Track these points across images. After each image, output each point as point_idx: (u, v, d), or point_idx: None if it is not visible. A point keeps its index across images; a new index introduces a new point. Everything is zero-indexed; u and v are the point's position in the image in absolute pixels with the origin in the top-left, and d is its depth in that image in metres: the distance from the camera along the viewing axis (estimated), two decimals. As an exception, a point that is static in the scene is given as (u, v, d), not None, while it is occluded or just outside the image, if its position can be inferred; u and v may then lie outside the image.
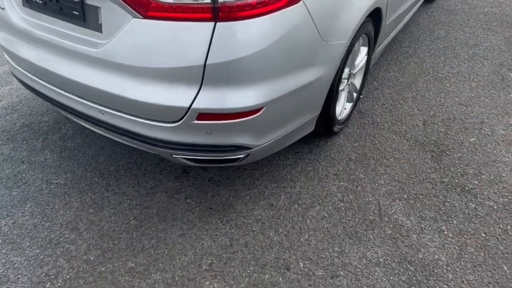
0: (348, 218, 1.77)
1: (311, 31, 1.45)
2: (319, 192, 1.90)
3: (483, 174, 1.99)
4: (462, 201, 1.85)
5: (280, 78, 1.43)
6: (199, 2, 1.19)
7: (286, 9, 1.33)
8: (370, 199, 1.87)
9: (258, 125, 1.46)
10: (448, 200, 1.86)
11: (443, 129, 2.30)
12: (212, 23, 1.23)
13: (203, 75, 1.29)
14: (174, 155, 1.52)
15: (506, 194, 1.88)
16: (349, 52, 1.83)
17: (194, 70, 1.28)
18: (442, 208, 1.82)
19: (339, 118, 2.12)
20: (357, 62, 2.13)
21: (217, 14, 1.21)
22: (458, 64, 2.98)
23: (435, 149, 2.16)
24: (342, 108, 2.15)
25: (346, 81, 2.07)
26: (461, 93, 2.64)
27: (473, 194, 1.88)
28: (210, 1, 1.19)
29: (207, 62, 1.26)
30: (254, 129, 1.47)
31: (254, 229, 1.73)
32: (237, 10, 1.21)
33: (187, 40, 1.26)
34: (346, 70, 2.03)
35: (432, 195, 1.88)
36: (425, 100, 2.56)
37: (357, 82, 2.31)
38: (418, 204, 1.84)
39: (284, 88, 1.47)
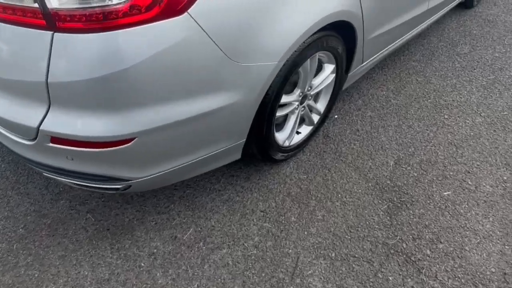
0: (253, 272, 1.50)
1: (208, 49, 1.15)
2: (235, 231, 1.64)
3: (441, 243, 1.61)
4: (400, 274, 1.51)
5: (161, 104, 1.16)
6: (25, 4, 0.94)
7: (163, 21, 1.04)
8: (290, 251, 1.57)
9: (131, 156, 1.21)
10: (383, 270, 1.52)
11: (415, 174, 1.91)
12: (50, 33, 0.98)
13: (48, 94, 1.05)
14: (45, 174, 1.33)
15: (460, 276, 1.51)
16: (289, 74, 1.50)
17: (38, 87, 1.05)
18: (371, 279, 1.49)
19: (284, 144, 1.81)
20: (316, 81, 1.78)
21: (52, 22, 0.95)
22: (469, 91, 2.49)
23: (395, 199, 1.79)
24: (291, 133, 1.83)
25: (297, 103, 1.74)
26: (458, 129, 2.19)
27: (418, 268, 1.53)
28: (38, 6, 0.93)
29: (48, 80, 1.02)
30: (126, 161, 1.22)
31: (142, 265, 1.51)
32: (79, 20, 0.95)
33: (27, 49, 1.02)
34: (296, 92, 1.70)
35: (365, 260, 1.55)
36: (410, 132, 2.16)
37: (321, 104, 1.96)
38: (343, 268, 1.52)
39: (170, 116, 1.20)
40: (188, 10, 1.05)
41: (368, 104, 2.36)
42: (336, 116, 2.26)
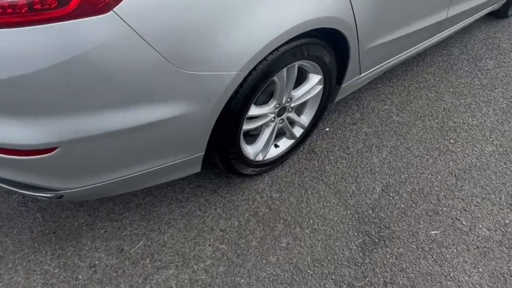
0: (196, 300, 1.37)
1: (144, 54, 0.98)
2: (187, 250, 1.49)
3: (416, 292, 1.42)
4: (360, 324, 1.33)
5: (90, 112, 1.01)
6: None
7: (84, 19, 0.89)
8: (243, 280, 1.42)
9: (55, 167, 1.08)
10: (342, 316, 1.35)
11: (402, 205, 1.70)
12: None
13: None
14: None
15: (429, 335, 1.31)
16: (260, 84, 1.31)
17: None
18: (325, 326, 1.32)
19: (257, 158, 1.63)
20: (298, 93, 1.59)
21: None
22: (485, 113, 2.22)
23: (374, 233, 1.59)
24: (266, 147, 1.65)
25: (272, 116, 1.56)
26: (463, 157, 1.95)
27: (382, 319, 1.34)
28: None
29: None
30: (51, 171, 1.09)
31: (79, 277, 1.40)
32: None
33: None
34: (272, 104, 1.52)
35: (325, 302, 1.38)
36: (407, 156, 1.93)
37: (306, 116, 1.77)
38: (297, 309, 1.35)
39: (102, 126, 1.05)
40: (114, 8, 0.90)
41: (366, 118, 2.14)
42: (327, 129, 2.06)
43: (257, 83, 1.32)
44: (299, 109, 1.76)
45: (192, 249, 1.50)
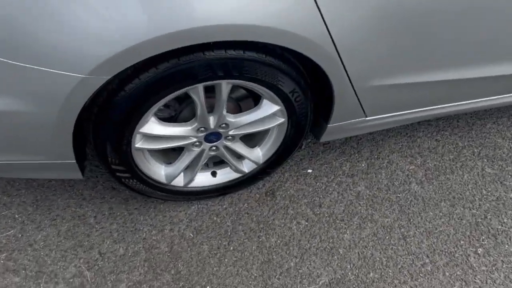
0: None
1: None
2: (49, 262, 1.22)
3: None
4: None
5: None
6: None
7: None
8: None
9: None
10: None
11: (341, 319, 1.18)
12: None
13: None
14: None
15: None
16: (149, 97, 0.93)
17: None
18: None
19: (173, 183, 1.26)
20: (240, 120, 1.13)
21: None
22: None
23: None
24: (191, 175, 1.25)
25: (195, 139, 1.15)
26: (483, 285, 1.27)
27: None
28: None
29: None
30: None
31: None
32: None
33: None
34: (192, 125, 1.10)
35: None
36: (397, 247, 1.33)
37: (264, 151, 1.29)
38: None
39: None
40: None
41: (372, 173, 1.55)
42: (309, 171, 1.55)
43: (145, 95, 0.94)
44: (253, 139, 1.32)
45: (54, 263, 1.24)
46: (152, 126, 1.06)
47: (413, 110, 1.37)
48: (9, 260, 1.24)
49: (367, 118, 1.34)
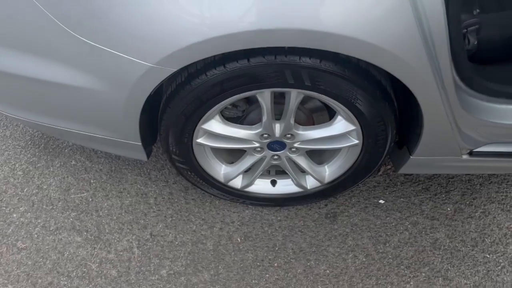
0: None
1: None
2: (107, 230, 1.30)
3: None
4: None
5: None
6: None
7: None
8: (116, 301, 1.16)
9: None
10: None
11: None
12: None
13: None
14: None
15: None
16: (211, 96, 0.89)
17: None
18: None
19: (228, 183, 1.21)
20: (309, 133, 1.03)
21: None
22: None
23: None
24: (250, 178, 1.20)
25: (257, 144, 1.08)
26: None
27: None
28: None
29: None
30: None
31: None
32: None
33: None
34: (257, 130, 1.04)
35: None
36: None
37: (331, 169, 1.17)
38: None
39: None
40: None
41: (459, 223, 1.30)
42: (381, 201, 1.38)
43: (210, 92, 0.90)
44: (322, 155, 1.20)
45: (111, 233, 1.31)
46: (215, 124, 1.03)
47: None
48: (77, 219, 1.36)
49: (463, 158, 1.12)
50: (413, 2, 0.73)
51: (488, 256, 1.25)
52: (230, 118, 1.11)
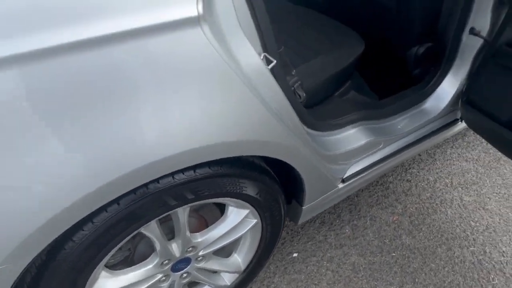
0: None
1: None
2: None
3: None
4: None
5: None
6: None
7: None
8: None
9: None
10: None
11: None
12: None
13: None
14: None
15: None
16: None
17: None
18: None
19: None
20: (208, 237, 0.96)
21: None
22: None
23: None
24: None
25: (160, 275, 0.96)
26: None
27: None
28: None
29: None
30: None
31: None
32: None
33: None
34: (154, 261, 0.92)
35: None
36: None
37: (242, 256, 1.12)
38: None
39: None
40: None
41: (361, 238, 1.43)
42: (295, 255, 1.40)
43: (82, 257, 0.75)
44: (228, 246, 1.15)
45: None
46: (104, 281, 0.85)
47: (381, 164, 1.30)
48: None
49: (340, 187, 1.24)
50: (255, 90, 0.78)
51: (393, 254, 1.40)
52: (117, 264, 0.94)
